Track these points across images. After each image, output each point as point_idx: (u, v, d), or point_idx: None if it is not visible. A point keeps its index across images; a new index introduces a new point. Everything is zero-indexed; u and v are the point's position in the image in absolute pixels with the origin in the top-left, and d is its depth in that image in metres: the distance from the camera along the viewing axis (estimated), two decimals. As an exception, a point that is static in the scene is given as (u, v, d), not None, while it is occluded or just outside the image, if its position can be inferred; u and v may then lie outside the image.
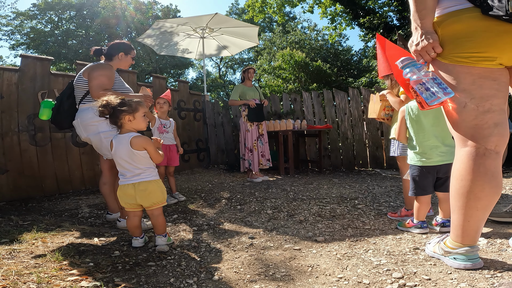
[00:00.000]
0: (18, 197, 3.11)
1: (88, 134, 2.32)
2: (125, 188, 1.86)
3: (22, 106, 3.23)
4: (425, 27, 1.29)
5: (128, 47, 2.51)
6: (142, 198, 1.84)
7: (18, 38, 15.96)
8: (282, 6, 10.97)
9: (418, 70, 1.36)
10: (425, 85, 1.32)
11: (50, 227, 2.27)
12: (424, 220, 2.00)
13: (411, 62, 1.39)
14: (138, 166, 1.85)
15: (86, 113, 2.29)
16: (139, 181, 1.84)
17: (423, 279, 1.34)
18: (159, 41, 6.89)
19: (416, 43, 1.33)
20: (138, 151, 1.84)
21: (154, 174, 1.89)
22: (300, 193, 3.30)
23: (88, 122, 2.29)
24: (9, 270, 1.42)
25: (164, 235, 1.91)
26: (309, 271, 1.54)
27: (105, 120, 2.18)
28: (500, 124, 1.27)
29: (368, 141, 4.98)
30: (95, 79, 2.24)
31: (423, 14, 1.28)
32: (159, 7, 20.05)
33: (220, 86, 22.03)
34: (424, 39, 1.29)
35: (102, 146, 2.29)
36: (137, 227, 1.92)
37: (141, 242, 1.94)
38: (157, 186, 1.88)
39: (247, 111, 4.29)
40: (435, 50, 1.30)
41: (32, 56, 3.49)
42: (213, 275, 1.53)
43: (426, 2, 1.27)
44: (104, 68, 2.32)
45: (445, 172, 1.87)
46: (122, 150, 1.85)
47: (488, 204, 1.29)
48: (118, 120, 1.86)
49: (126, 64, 2.53)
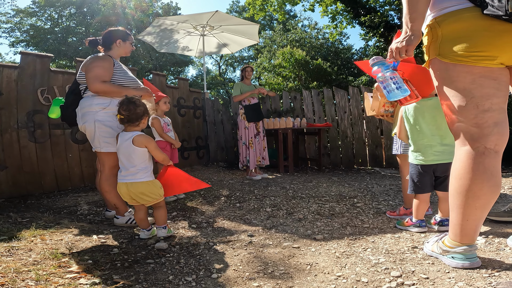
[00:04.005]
0: (17, 194, 3.11)
1: (84, 122, 2.27)
2: (120, 186, 1.99)
3: (22, 103, 3.22)
4: (413, 30, 1.33)
5: (124, 33, 2.45)
6: (136, 197, 1.97)
7: (18, 35, 15.90)
8: (282, 4, 10.92)
9: (384, 69, 1.53)
10: (384, 83, 1.53)
11: (49, 224, 2.27)
12: (423, 219, 2.00)
13: (380, 61, 1.56)
14: (134, 164, 1.95)
15: (86, 100, 2.28)
16: (132, 181, 1.94)
17: (421, 278, 1.34)
18: (159, 39, 6.87)
19: (397, 41, 1.40)
20: (138, 147, 1.94)
21: (147, 175, 1.98)
22: (299, 191, 3.30)
23: (85, 110, 2.26)
24: (8, 267, 1.42)
25: (163, 227, 2.04)
26: (307, 269, 1.55)
27: (103, 109, 2.19)
28: (500, 124, 1.27)
29: (368, 139, 4.98)
30: (91, 71, 2.22)
31: (413, 18, 1.32)
32: (160, 4, 19.99)
33: (220, 83, 22.00)
34: (405, 41, 1.35)
35: (95, 135, 2.24)
36: (143, 219, 2.04)
37: (147, 234, 2.04)
38: (149, 187, 1.96)
39: (245, 110, 4.30)
40: (406, 54, 1.37)
41: (32, 53, 3.47)
42: (212, 273, 1.53)
43: (418, 6, 1.30)
44: (100, 59, 2.28)
45: (443, 171, 1.87)
46: (125, 146, 1.97)
47: (487, 203, 1.29)
48: (140, 122, 2.01)
49: (126, 50, 2.47)
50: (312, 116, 5.28)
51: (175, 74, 20.48)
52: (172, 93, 5.05)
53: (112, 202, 2.32)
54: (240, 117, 4.34)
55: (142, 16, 16.94)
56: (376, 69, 1.56)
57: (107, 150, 2.24)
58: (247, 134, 4.32)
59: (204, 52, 6.66)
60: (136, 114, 1.98)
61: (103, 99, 2.26)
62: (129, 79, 2.39)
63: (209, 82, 20.82)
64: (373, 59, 1.60)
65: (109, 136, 2.23)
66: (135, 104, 1.98)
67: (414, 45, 1.34)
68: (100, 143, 2.23)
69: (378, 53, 10.11)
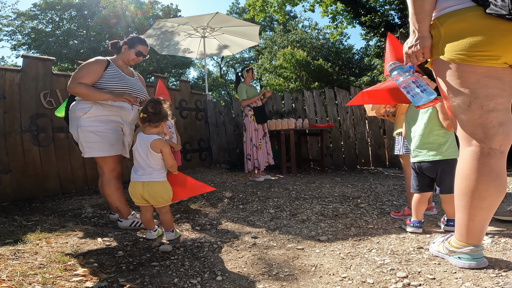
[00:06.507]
0: (21, 197, 3.13)
1: (71, 127, 2.25)
2: (135, 184, 2.02)
3: (25, 106, 3.24)
4: (422, 31, 1.32)
5: (133, 41, 2.40)
6: (149, 196, 2.00)
7: (19, 38, 16.00)
8: (283, 5, 10.94)
9: (404, 73, 1.48)
10: (407, 88, 1.46)
11: (54, 227, 2.28)
12: (420, 220, 1.99)
13: (398, 65, 1.51)
14: (151, 165, 2.01)
15: (72, 106, 2.26)
16: (148, 180, 1.99)
17: (428, 279, 1.34)
18: (160, 41, 6.89)
19: (410, 46, 1.37)
20: (155, 152, 2.00)
21: (162, 176, 2.05)
22: (302, 192, 3.30)
23: (71, 115, 2.24)
24: (14, 271, 1.43)
25: (171, 231, 2.08)
26: (312, 271, 1.54)
27: (84, 114, 2.19)
28: (505, 124, 1.26)
29: (370, 139, 4.97)
30: (75, 72, 2.20)
31: (420, 18, 1.30)
32: (160, 6, 20.05)
33: (221, 85, 22.03)
34: (418, 44, 1.33)
35: (78, 141, 2.21)
36: (150, 220, 2.08)
37: (154, 235, 2.08)
38: (163, 187, 2.03)
39: (254, 111, 4.30)
40: (424, 56, 1.35)
41: (34, 57, 3.49)
42: (216, 275, 1.53)
43: (424, 6, 1.28)
44: (92, 61, 2.24)
45: (430, 171, 1.89)
46: (142, 148, 2.01)
47: (493, 203, 1.28)
48: (160, 124, 2.04)
49: (128, 58, 2.39)
50: (314, 116, 5.28)
51: (177, 76, 20.53)
52: (174, 96, 5.07)
53: (114, 206, 2.32)
54: (249, 118, 4.32)
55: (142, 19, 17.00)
56: (396, 74, 1.51)
57: (90, 155, 2.21)
58: (257, 135, 4.33)
59: (205, 54, 6.68)
60: (161, 114, 2.01)
61: (84, 104, 2.19)
62: (118, 84, 2.25)
63: (211, 83, 20.86)
64: (390, 65, 1.54)
65: (92, 141, 2.19)
66: (161, 104, 2.02)
67: (429, 46, 1.32)
68: (84, 148, 2.20)
69: (379, 53, 10.10)
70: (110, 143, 2.25)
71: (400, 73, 1.49)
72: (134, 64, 2.46)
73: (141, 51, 2.42)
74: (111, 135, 2.26)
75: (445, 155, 1.86)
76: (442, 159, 1.86)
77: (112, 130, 2.28)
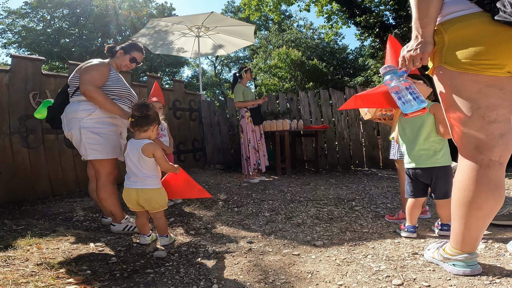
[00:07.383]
0: (11, 199, 3.06)
1: (70, 128, 2.21)
2: (129, 191, 1.99)
3: (13, 107, 3.17)
4: (425, 37, 1.26)
5: (129, 47, 2.43)
6: (144, 203, 1.98)
7: (9, 37, 15.69)
8: (278, 4, 10.92)
9: (397, 78, 1.44)
10: (399, 94, 1.42)
11: (45, 232, 2.23)
12: (414, 224, 2.00)
13: (392, 69, 1.46)
14: (143, 171, 1.97)
15: (71, 106, 2.22)
16: (142, 187, 1.96)
17: (423, 286, 1.34)
18: (154, 40, 6.82)
19: (409, 49, 1.31)
20: (147, 157, 1.96)
21: (157, 183, 2.02)
22: (297, 195, 3.29)
23: (70, 116, 2.20)
24: (6, 279, 1.39)
25: (165, 235, 2.07)
26: (308, 278, 1.54)
27: (88, 116, 2.16)
28: (505, 135, 1.23)
29: (365, 140, 4.99)
30: (87, 73, 2.17)
31: (425, 23, 1.24)
32: (154, 5, 19.86)
33: (215, 84, 21.94)
34: (419, 48, 1.27)
35: (81, 142, 2.18)
36: (145, 224, 2.06)
37: (148, 240, 2.07)
38: (159, 193, 2.01)
39: (251, 113, 4.29)
40: (421, 62, 1.30)
41: (23, 56, 3.42)
42: (212, 283, 1.51)
43: (429, 10, 1.22)
44: (98, 63, 2.25)
45: (426, 177, 1.89)
46: (133, 154, 1.97)
47: (490, 213, 1.27)
48: (148, 127, 2.00)
49: (121, 63, 2.42)
50: (309, 117, 5.28)
51: (170, 75, 20.37)
52: (168, 96, 5.02)
53: (108, 210, 2.29)
54: (246, 120, 4.29)
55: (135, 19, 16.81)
56: (388, 79, 1.46)
57: (94, 157, 2.18)
58: (255, 136, 4.32)
59: (200, 53, 6.63)
60: (148, 117, 1.98)
61: (89, 105, 2.18)
62: (122, 87, 2.33)
63: (205, 83, 20.75)
64: (384, 68, 1.49)
65: (96, 143, 2.17)
66: (147, 107, 1.99)
67: (429, 52, 1.27)
68: (87, 150, 2.17)
69: (373, 54, 10.15)
70: (112, 145, 2.25)
71: (393, 78, 1.44)
72: (125, 70, 2.49)
73: (135, 57, 2.46)
74: (113, 137, 2.27)
75: (440, 162, 1.86)
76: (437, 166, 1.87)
77: (114, 133, 2.29)
